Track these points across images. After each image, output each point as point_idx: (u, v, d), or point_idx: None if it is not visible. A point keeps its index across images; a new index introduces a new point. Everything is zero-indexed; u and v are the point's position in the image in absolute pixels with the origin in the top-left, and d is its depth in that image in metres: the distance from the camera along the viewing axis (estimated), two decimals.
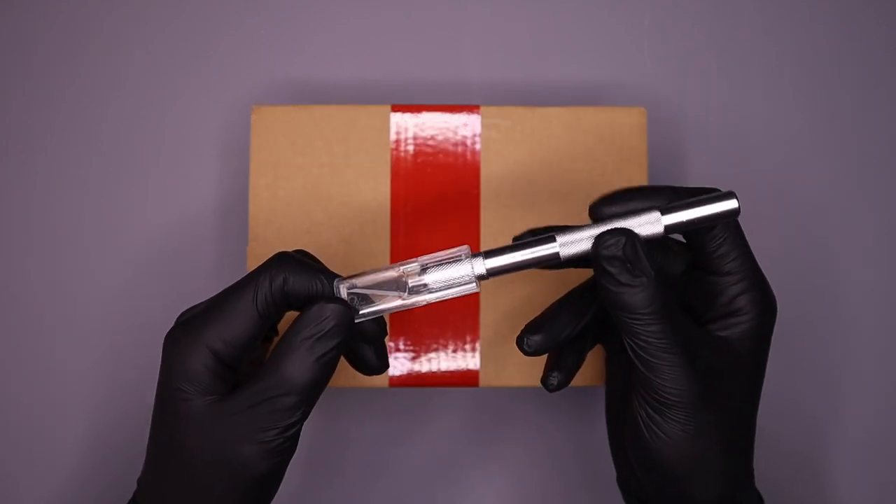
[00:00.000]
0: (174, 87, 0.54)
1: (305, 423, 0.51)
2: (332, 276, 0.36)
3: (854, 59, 0.55)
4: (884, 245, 0.53)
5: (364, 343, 0.40)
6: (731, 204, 0.36)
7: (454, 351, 0.47)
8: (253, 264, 0.46)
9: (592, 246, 0.36)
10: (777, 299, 0.39)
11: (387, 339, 0.46)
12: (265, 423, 0.34)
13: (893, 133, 0.54)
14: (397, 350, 0.47)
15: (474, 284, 0.36)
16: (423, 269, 0.36)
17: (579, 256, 0.36)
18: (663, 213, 0.36)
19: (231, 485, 0.35)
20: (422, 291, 0.36)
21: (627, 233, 0.35)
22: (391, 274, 0.36)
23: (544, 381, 0.41)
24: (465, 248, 0.36)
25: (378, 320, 0.39)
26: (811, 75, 0.54)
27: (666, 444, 0.36)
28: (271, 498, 0.37)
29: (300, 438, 0.52)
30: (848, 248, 0.53)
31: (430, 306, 0.47)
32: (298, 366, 0.35)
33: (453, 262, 0.36)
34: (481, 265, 0.36)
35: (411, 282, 0.36)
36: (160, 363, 0.36)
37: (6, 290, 0.52)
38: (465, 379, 0.47)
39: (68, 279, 0.52)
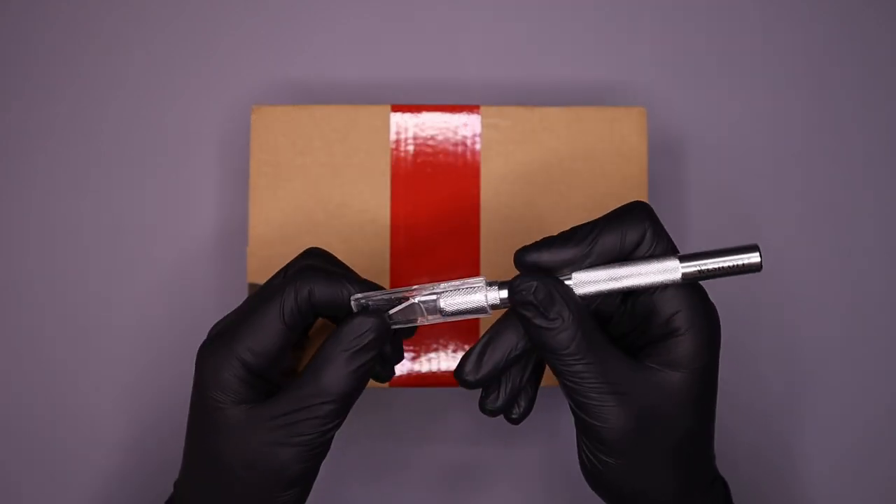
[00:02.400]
0: (174, 87, 0.54)
1: None
2: (357, 284, 0.38)
3: (854, 59, 0.55)
4: (885, 245, 0.53)
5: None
6: (753, 258, 0.35)
7: (454, 351, 0.47)
8: (253, 265, 0.46)
9: (508, 290, 0.36)
10: (777, 300, 0.38)
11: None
12: (304, 429, 0.36)
13: (894, 133, 0.54)
14: None
15: (487, 312, 0.37)
16: (439, 296, 0.37)
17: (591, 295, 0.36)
18: (682, 260, 0.35)
19: (268, 487, 0.36)
20: (437, 317, 0.37)
21: (539, 276, 0.35)
22: (405, 294, 0.37)
23: (506, 415, 0.39)
24: (481, 280, 0.37)
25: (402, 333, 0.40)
26: (811, 75, 0.54)
27: (610, 475, 0.36)
28: (304, 501, 0.39)
29: None
30: (849, 248, 0.53)
31: None
32: (337, 375, 0.36)
33: (469, 290, 0.36)
34: (496, 295, 0.36)
35: (422, 299, 0.37)
36: (194, 374, 0.37)
37: (5, 291, 0.52)
38: None
39: (67, 279, 0.52)
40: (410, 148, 0.48)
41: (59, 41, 0.54)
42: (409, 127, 0.48)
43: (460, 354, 0.47)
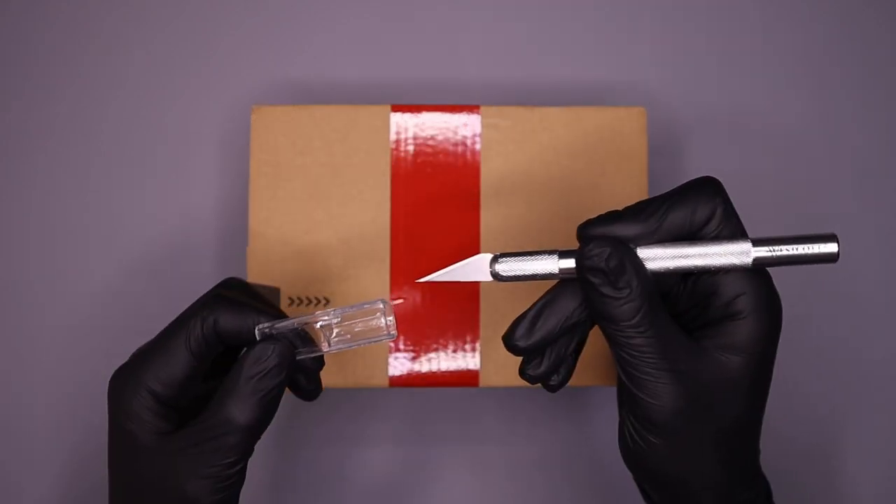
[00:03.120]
0: (174, 87, 0.54)
1: (305, 421, 0.51)
2: (264, 315, 0.37)
3: (854, 59, 0.55)
4: (885, 245, 0.53)
5: (300, 373, 0.40)
6: (830, 248, 0.34)
7: (454, 351, 0.47)
8: (253, 264, 0.46)
9: (576, 254, 0.34)
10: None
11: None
12: (210, 461, 0.35)
13: (894, 133, 0.54)
14: (397, 350, 0.47)
15: (387, 336, 0.37)
16: (340, 322, 0.37)
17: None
18: (755, 244, 0.34)
19: None
20: (339, 342, 0.37)
21: (613, 243, 0.34)
22: (308, 321, 0.37)
23: (544, 382, 0.38)
24: (379, 303, 0.36)
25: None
26: (811, 75, 0.54)
27: (653, 456, 0.35)
28: None
29: (296, 440, 0.53)
30: (847, 248, 0.53)
31: (430, 307, 0.47)
32: (241, 405, 0.35)
33: (369, 316, 0.36)
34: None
35: (319, 324, 0.37)
36: (107, 402, 0.37)
37: (5, 291, 0.52)
38: (465, 379, 0.47)
39: (67, 279, 0.52)
40: (410, 148, 0.48)
41: (59, 41, 0.54)
42: (409, 127, 0.48)
43: (460, 354, 0.47)
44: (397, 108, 0.48)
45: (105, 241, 0.52)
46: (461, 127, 0.48)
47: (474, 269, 0.36)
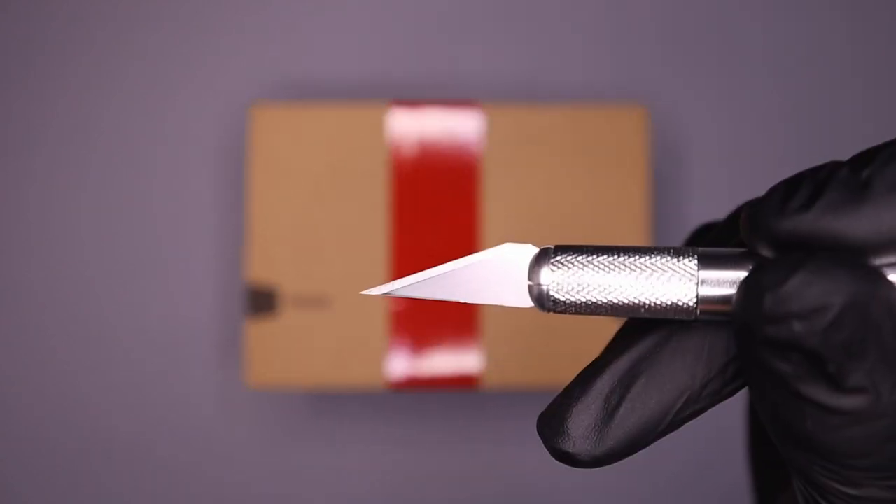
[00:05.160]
0: (174, 86, 0.54)
1: (305, 421, 0.51)
2: None
3: (856, 59, 0.55)
4: None
5: None
6: None
7: (454, 352, 0.47)
8: (253, 264, 0.46)
9: (740, 299, 0.15)
10: None
11: (389, 339, 0.45)
12: None
13: (894, 134, 0.54)
14: (397, 350, 0.46)
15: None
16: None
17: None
18: None
19: None
20: None
21: (853, 278, 0.14)
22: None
23: None
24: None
25: None
26: (812, 74, 0.54)
27: None
28: None
29: (295, 442, 0.52)
30: None
31: (430, 306, 0.47)
32: None
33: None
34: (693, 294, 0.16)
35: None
36: None
37: (5, 291, 0.52)
38: (465, 381, 0.47)
39: (66, 278, 0.52)
40: (410, 146, 0.47)
41: (59, 41, 0.54)
42: (410, 125, 0.48)
43: (460, 355, 0.46)
44: (398, 106, 0.48)
45: (103, 240, 0.52)
46: (462, 125, 0.48)
47: (491, 278, 0.17)
